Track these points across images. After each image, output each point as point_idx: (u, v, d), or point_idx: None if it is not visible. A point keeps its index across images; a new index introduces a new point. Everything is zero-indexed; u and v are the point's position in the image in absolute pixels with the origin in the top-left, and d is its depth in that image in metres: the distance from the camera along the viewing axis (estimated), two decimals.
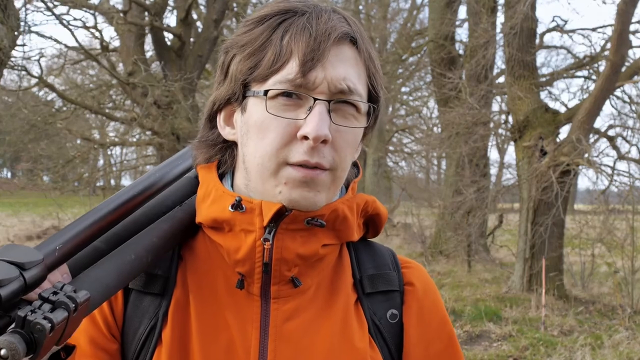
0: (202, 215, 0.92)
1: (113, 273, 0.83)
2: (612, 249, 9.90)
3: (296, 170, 0.85)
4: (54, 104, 14.36)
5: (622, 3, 7.98)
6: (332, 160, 0.87)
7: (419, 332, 0.98)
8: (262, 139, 0.87)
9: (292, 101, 0.86)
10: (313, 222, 0.88)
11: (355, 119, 0.89)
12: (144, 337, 0.93)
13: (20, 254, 0.73)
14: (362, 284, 0.98)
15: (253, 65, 0.87)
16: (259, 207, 0.87)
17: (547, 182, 8.62)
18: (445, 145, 11.56)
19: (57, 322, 0.69)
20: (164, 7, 12.65)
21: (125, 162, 18.75)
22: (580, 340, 6.77)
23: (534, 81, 9.87)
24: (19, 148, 14.63)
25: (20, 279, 0.71)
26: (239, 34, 0.91)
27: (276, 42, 0.86)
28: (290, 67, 0.85)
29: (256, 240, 0.88)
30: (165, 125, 11.28)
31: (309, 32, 0.85)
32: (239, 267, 0.91)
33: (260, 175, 0.88)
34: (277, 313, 0.92)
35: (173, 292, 0.94)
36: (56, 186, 12.88)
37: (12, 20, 5.27)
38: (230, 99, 0.92)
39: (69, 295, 0.72)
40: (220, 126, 0.95)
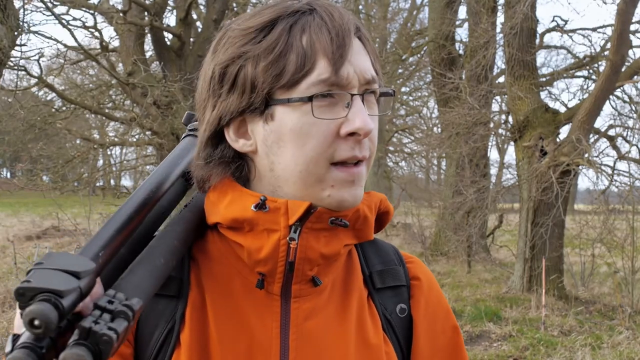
0: (220, 215, 0.91)
1: (148, 279, 0.81)
2: (612, 249, 9.89)
3: (340, 170, 0.86)
4: (53, 104, 14.36)
5: (622, 3, 7.98)
6: (369, 150, 0.88)
7: (427, 325, 1.00)
8: (302, 145, 0.85)
9: (327, 101, 0.85)
10: (337, 222, 0.88)
11: (376, 106, 0.91)
12: (161, 340, 0.91)
13: (74, 263, 0.71)
14: (372, 279, 0.99)
15: (278, 73, 0.84)
16: (284, 206, 0.86)
17: (547, 182, 8.62)
18: (445, 145, 11.56)
19: (120, 331, 0.68)
20: (164, 7, 12.65)
21: (125, 162, 18.74)
22: (580, 340, 6.77)
23: (534, 81, 9.86)
24: (18, 148, 14.62)
25: (78, 289, 0.69)
26: (245, 43, 0.87)
27: (297, 44, 0.84)
28: (320, 67, 0.84)
29: (280, 239, 0.87)
30: (165, 125, 11.28)
31: (327, 29, 0.84)
32: (259, 266, 0.90)
33: (304, 182, 0.87)
34: (298, 312, 0.92)
35: (188, 294, 0.93)
36: (56, 186, 12.88)
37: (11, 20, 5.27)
38: (244, 111, 0.89)
39: (126, 304, 0.70)
40: (231, 140, 0.91)
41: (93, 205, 13.97)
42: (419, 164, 26.40)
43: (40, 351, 0.65)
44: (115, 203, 14.06)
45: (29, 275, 0.68)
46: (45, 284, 0.66)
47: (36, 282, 0.66)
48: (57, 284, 0.66)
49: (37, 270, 0.69)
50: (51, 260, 0.70)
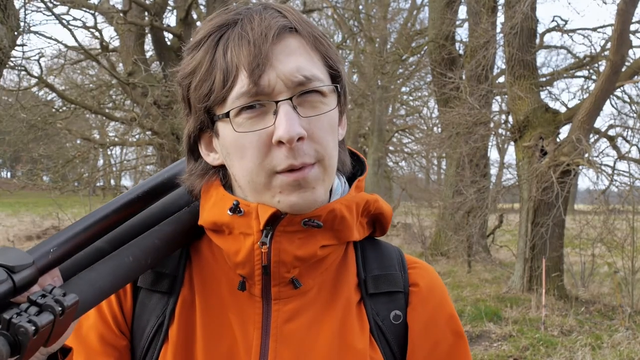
0: (203, 217, 0.93)
1: (108, 276, 0.83)
2: (612, 249, 9.89)
3: (286, 176, 0.85)
4: (53, 104, 14.36)
5: (622, 3, 7.98)
6: (315, 152, 0.86)
7: (424, 332, 0.97)
8: (242, 157, 0.87)
9: (256, 112, 0.85)
10: (310, 223, 0.88)
11: (323, 104, 0.88)
12: (152, 334, 0.94)
13: (11, 257, 0.74)
14: (366, 284, 0.97)
15: (208, 91, 0.86)
16: (255, 210, 0.88)
17: (547, 182, 8.62)
18: (445, 145, 11.56)
19: (41, 325, 0.70)
20: (164, 7, 12.65)
21: (125, 162, 18.74)
22: (580, 340, 6.77)
23: (534, 81, 9.87)
24: (18, 148, 14.62)
25: (9, 282, 0.72)
26: (185, 63, 0.90)
27: (220, 60, 0.85)
28: (241, 80, 0.84)
29: (254, 243, 0.88)
30: (165, 125, 11.27)
31: (246, 39, 0.84)
32: (239, 269, 0.92)
33: (254, 190, 0.88)
34: (278, 314, 0.92)
35: (180, 291, 0.96)
36: (56, 186, 12.87)
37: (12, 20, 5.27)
38: (202, 128, 0.91)
39: (57, 298, 0.72)
40: (204, 154, 0.95)
41: (93, 205, 13.97)
42: (419, 164, 26.41)
43: None
44: None
45: None
46: None
47: None
48: None
49: None
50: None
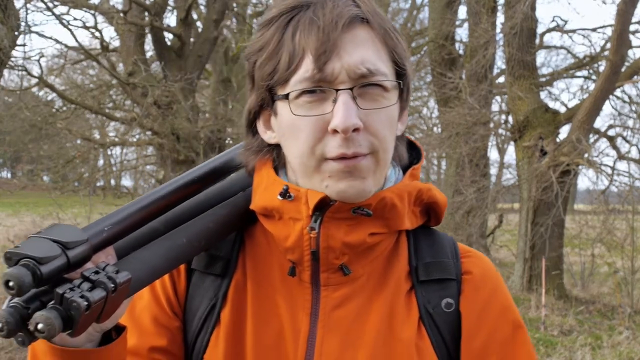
0: (255, 202, 0.94)
1: (161, 256, 0.85)
2: (612, 249, 9.89)
3: (337, 162, 0.85)
4: (54, 104, 14.35)
5: (622, 3, 7.98)
6: (370, 144, 0.86)
7: (478, 320, 0.95)
8: (296, 139, 0.87)
9: (316, 97, 0.85)
10: (359, 211, 0.87)
11: (384, 98, 0.87)
12: (205, 316, 0.95)
13: (66, 233, 0.75)
14: (417, 272, 0.96)
15: (272, 70, 0.87)
16: (305, 195, 0.88)
17: (547, 182, 8.62)
18: (445, 145, 11.55)
19: (93, 300, 0.71)
20: (164, 7, 12.65)
21: (125, 162, 18.74)
22: (580, 340, 6.77)
23: (534, 81, 9.87)
24: (19, 148, 14.64)
25: (63, 257, 0.73)
26: (254, 40, 0.91)
27: (288, 42, 0.85)
28: (306, 64, 0.84)
29: (303, 228, 0.89)
30: (165, 125, 11.27)
31: (316, 24, 0.84)
32: (289, 254, 0.92)
33: (304, 173, 0.89)
34: (327, 300, 0.92)
35: (233, 274, 0.96)
36: (56, 186, 12.88)
37: (12, 20, 5.27)
38: (262, 105, 0.92)
39: (110, 275, 0.74)
40: (261, 132, 0.95)
41: (93, 205, 13.97)
42: None
43: (26, 311, 0.71)
44: (116, 203, 14.06)
45: (23, 242, 0.73)
46: (29, 250, 0.71)
47: (22, 249, 0.71)
48: (39, 252, 0.71)
49: (31, 238, 0.74)
50: (49, 230, 0.75)
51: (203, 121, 13.48)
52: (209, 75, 17.07)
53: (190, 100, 11.63)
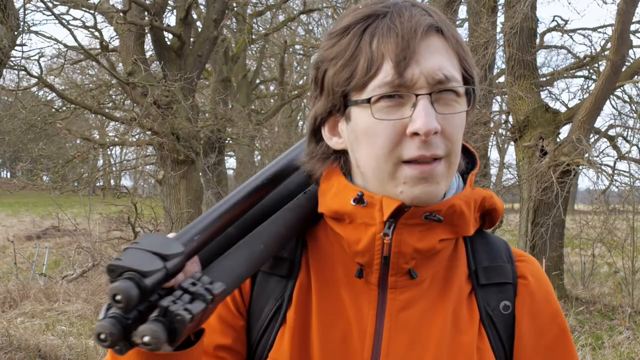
0: (325, 206, 0.96)
1: (244, 264, 0.87)
2: (612, 249, 9.89)
3: (412, 168, 0.88)
4: (53, 103, 14.35)
5: (622, 3, 7.98)
6: (446, 147, 0.89)
7: (531, 323, 1.00)
8: (372, 144, 0.90)
9: (394, 102, 0.88)
10: (431, 217, 0.91)
11: (457, 103, 0.91)
12: (270, 316, 0.98)
13: (164, 245, 0.77)
14: (477, 275, 1.00)
15: (349, 76, 0.90)
16: (379, 202, 0.90)
17: (547, 182, 8.62)
18: None
19: (195, 313, 0.73)
20: (164, 7, 12.64)
21: (125, 162, 18.72)
22: (580, 340, 6.76)
23: (534, 81, 9.86)
24: (18, 148, 14.62)
25: (164, 270, 0.75)
26: (327, 48, 0.93)
27: (366, 48, 0.89)
28: (385, 69, 0.87)
29: (376, 233, 0.91)
30: (165, 125, 11.26)
31: (395, 32, 0.88)
32: (358, 257, 0.95)
33: (378, 178, 0.91)
34: (394, 302, 0.95)
35: (298, 275, 0.99)
36: (56, 186, 12.86)
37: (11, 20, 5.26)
38: (332, 111, 0.94)
39: (207, 287, 0.76)
40: (326, 137, 0.97)
41: (93, 205, 13.96)
42: None
43: (126, 322, 0.72)
44: (115, 203, 14.05)
45: (122, 254, 0.75)
46: (132, 263, 0.73)
47: (125, 261, 0.73)
48: (142, 265, 0.73)
49: (130, 250, 0.75)
50: (145, 241, 0.77)
51: (203, 121, 13.47)
52: (209, 75, 17.06)
53: (190, 100, 11.61)
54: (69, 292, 9.09)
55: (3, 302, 8.41)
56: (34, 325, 7.27)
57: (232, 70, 16.73)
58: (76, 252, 12.15)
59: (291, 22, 17.41)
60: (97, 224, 14.61)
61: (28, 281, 9.82)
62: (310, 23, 19.95)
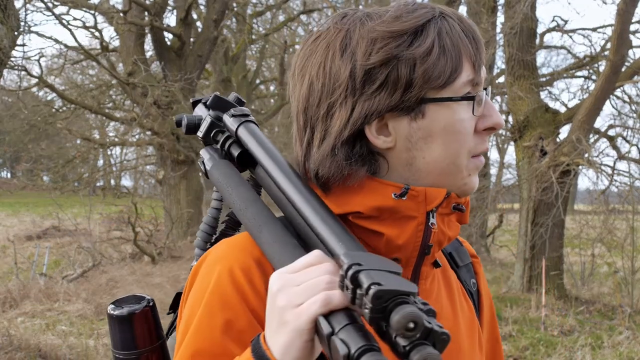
0: (360, 204, 0.94)
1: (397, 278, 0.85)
2: (612, 249, 9.90)
3: (477, 159, 0.97)
4: (54, 104, 14.36)
5: (622, 3, 7.98)
6: None
7: (485, 295, 1.15)
8: (453, 140, 0.93)
9: (469, 99, 0.93)
10: (458, 207, 0.97)
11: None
12: None
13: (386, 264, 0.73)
14: (454, 259, 1.12)
15: (436, 75, 0.91)
16: (422, 193, 0.93)
17: (547, 182, 8.62)
18: None
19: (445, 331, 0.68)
20: (164, 7, 12.65)
21: (125, 162, 18.74)
22: (580, 340, 6.77)
23: (534, 81, 9.87)
24: (19, 148, 14.63)
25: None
26: (396, 46, 0.91)
27: (448, 48, 0.92)
28: (466, 68, 0.92)
29: (418, 225, 0.93)
30: (165, 125, 11.28)
31: (465, 34, 0.93)
32: (397, 252, 0.95)
33: (448, 173, 0.94)
34: (423, 291, 1.00)
35: None
36: (56, 186, 12.88)
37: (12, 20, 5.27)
38: (394, 108, 0.93)
39: (423, 302, 0.70)
40: (372, 136, 0.94)
41: (93, 205, 13.96)
42: None
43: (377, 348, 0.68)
44: (116, 203, 14.06)
45: (370, 277, 0.69)
46: (397, 286, 0.68)
47: (388, 285, 0.68)
48: (404, 287, 0.69)
49: (373, 272, 0.70)
50: (368, 261, 0.72)
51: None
52: (209, 75, 17.07)
53: (190, 100, 11.63)
54: (69, 292, 9.10)
55: (3, 302, 8.41)
56: (34, 325, 7.28)
57: (232, 70, 16.73)
58: (76, 252, 12.15)
59: (291, 22, 17.42)
60: (97, 224, 14.62)
61: (28, 281, 9.82)
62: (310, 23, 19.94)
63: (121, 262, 11.90)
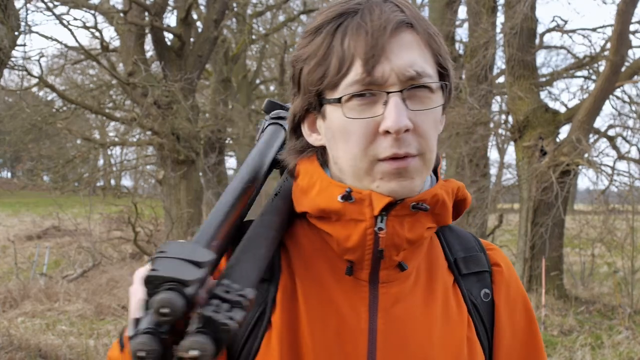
0: (308, 205, 0.95)
1: (254, 269, 0.84)
2: (612, 249, 9.90)
3: (388, 163, 0.88)
4: (54, 104, 14.36)
5: (622, 3, 7.99)
6: (419, 145, 0.90)
7: (508, 309, 1.03)
8: (347, 141, 0.90)
9: (366, 100, 0.88)
10: (418, 206, 0.91)
11: (430, 99, 0.91)
12: (253, 322, 0.94)
13: (194, 252, 0.74)
14: (458, 265, 1.02)
15: (321, 75, 0.90)
16: (368, 197, 0.90)
17: (547, 182, 8.63)
18: (445, 145, 11.55)
19: (238, 321, 0.70)
20: (164, 7, 12.65)
21: (126, 162, 18.73)
22: (580, 340, 6.77)
23: (534, 81, 9.87)
24: (19, 148, 14.64)
25: (201, 279, 0.72)
26: (301, 47, 0.94)
27: (337, 47, 0.89)
28: (355, 68, 0.87)
29: (367, 229, 0.91)
30: (165, 125, 11.28)
31: (364, 30, 0.87)
32: (348, 254, 0.94)
33: (355, 175, 0.91)
34: (386, 297, 0.95)
35: (280, 278, 0.96)
36: (56, 186, 12.88)
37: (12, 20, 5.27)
38: (309, 109, 0.95)
39: (241, 294, 0.72)
40: (306, 134, 0.98)
41: (93, 205, 13.97)
42: None
43: (162, 336, 0.68)
44: (116, 203, 14.06)
45: (155, 264, 0.71)
46: (172, 273, 0.69)
47: (163, 271, 0.69)
48: (182, 274, 0.69)
49: (161, 259, 0.72)
50: (173, 249, 0.73)
51: (203, 121, 13.49)
52: (209, 75, 17.07)
53: (190, 100, 11.62)
54: (70, 291, 9.10)
55: (4, 301, 8.42)
56: (35, 325, 7.28)
57: (232, 70, 16.74)
58: (77, 252, 12.17)
59: (291, 22, 17.42)
60: (97, 224, 14.63)
61: (28, 281, 9.83)
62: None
63: (121, 262, 11.92)
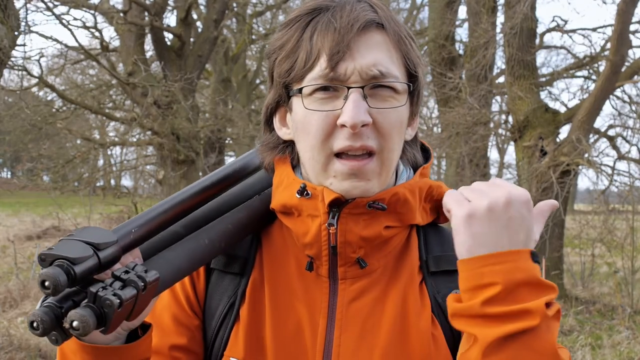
0: (275, 200, 0.97)
1: (185, 257, 0.88)
2: (612, 249, 9.90)
3: (342, 163, 0.89)
4: (54, 104, 14.35)
5: (622, 3, 7.98)
6: (377, 142, 0.90)
7: None
8: (307, 133, 0.91)
9: (328, 94, 0.90)
10: (374, 205, 0.92)
11: (394, 99, 0.91)
12: (224, 314, 0.98)
13: (96, 235, 0.79)
14: (427, 264, 1.01)
15: (289, 67, 0.92)
16: (321, 193, 0.91)
17: (547, 182, 8.62)
18: (445, 145, 11.56)
19: (125, 298, 0.74)
20: (164, 7, 12.64)
21: (126, 162, 18.72)
22: (580, 340, 6.77)
23: (534, 81, 9.87)
24: (19, 148, 14.63)
25: (95, 258, 0.76)
26: (275, 39, 0.95)
27: (306, 42, 0.90)
28: (321, 63, 0.89)
29: (321, 224, 0.92)
30: (165, 125, 11.27)
31: (333, 26, 0.89)
32: (307, 250, 0.96)
33: (313, 169, 0.93)
34: (345, 293, 0.96)
35: (251, 272, 1.00)
36: (56, 186, 12.87)
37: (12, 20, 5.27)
38: (279, 102, 0.97)
39: (139, 274, 0.77)
40: (277, 128, 1.00)
41: (93, 205, 13.97)
42: None
43: (60, 311, 0.74)
44: (116, 203, 14.06)
45: (55, 244, 0.76)
46: (63, 251, 0.75)
47: (56, 250, 0.75)
48: (72, 253, 0.74)
49: (63, 240, 0.77)
50: (80, 233, 0.79)
51: (203, 121, 13.47)
52: (209, 75, 17.06)
53: (190, 100, 11.61)
54: None
55: (4, 302, 8.42)
56: None
57: (232, 70, 16.73)
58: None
59: None
60: (97, 224, 14.62)
61: (28, 281, 9.82)
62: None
63: None
